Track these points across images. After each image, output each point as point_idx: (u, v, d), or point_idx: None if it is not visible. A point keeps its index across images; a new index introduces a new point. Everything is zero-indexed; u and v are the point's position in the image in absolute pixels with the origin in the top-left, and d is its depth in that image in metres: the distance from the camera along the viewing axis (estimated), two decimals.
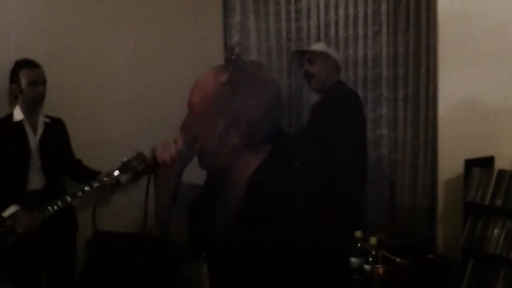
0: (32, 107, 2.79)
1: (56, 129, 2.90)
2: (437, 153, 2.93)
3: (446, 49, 2.83)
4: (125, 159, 2.89)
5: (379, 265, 2.19)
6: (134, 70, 3.47)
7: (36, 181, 2.75)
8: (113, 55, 3.39)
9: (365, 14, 3.37)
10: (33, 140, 2.77)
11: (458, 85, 2.79)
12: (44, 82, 2.79)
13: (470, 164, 2.58)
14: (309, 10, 3.65)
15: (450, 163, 2.79)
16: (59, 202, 2.67)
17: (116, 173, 2.85)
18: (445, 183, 2.84)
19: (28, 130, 2.76)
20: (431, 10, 2.98)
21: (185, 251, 3.03)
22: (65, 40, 3.17)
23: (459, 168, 2.64)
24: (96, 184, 2.78)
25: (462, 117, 2.79)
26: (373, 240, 2.27)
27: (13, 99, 2.81)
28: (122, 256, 2.95)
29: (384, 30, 3.28)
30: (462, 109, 2.79)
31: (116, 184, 2.87)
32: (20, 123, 2.75)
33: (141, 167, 2.79)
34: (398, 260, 2.33)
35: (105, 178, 2.81)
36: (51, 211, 2.64)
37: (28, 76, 2.72)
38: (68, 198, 2.70)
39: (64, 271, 2.88)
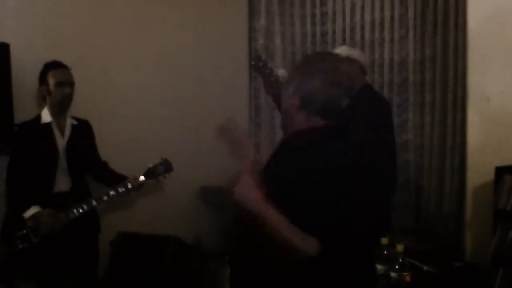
0: (60, 108, 2.79)
1: (83, 131, 2.90)
2: (465, 159, 2.88)
3: (475, 53, 2.78)
4: (150, 165, 2.95)
5: (405, 273, 2.15)
6: (159, 73, 3.50)
7: (62, 183, 2.75)
8: (139, 57, 3.42)
9: (392, 18, 3.33)
10: (61, 143, 2.77)
11: (488, 89, 2.74)
12: (71, 84, 2.79)
13: (500, 171, 2.53)
14: (334, 13, 3.63)
15: (479, 169, 2.75)
16: (84, 205, 2.69)
17: (141, 178, 2.91)
18: (474, 189, 2.79)
19: (56, 132, 2.76)
20: (459, 13, 2.93)
21: (212, 253, 3.04)
22: (90, 41, 3.20)
23: (489, 175, 2.59)
24: (121, 189, 2.82)
25: (492, 122, 2.74)
26: (400, 247, 2.23)
27: (42, 100, 2.83)
28: (145, 257, 2.97)
29: (411, 34, 3.24)
30: (492, 114, 2.74)
31: (139, 188, 2.92)
32: (48, 125, 2.75)
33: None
34: (425, 268, 2.29)
35: (129, 184, 2.85)
36: (76, 213, 2.67)
37: (55, 77, 2.72)
38: (94, 202, 2.73)
39: (86, 271, 2.88)
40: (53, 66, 2.74)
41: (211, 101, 3.63)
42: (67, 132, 2.80)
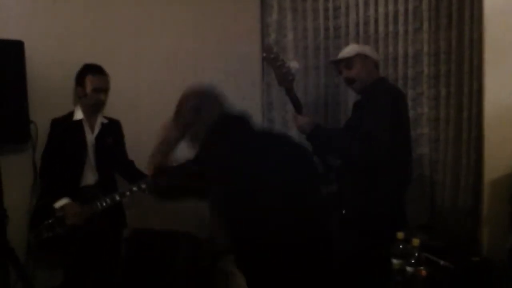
0: (93, 111, 2.93)
1: (112, 130, 3.03)
2: (481, 153, 2.85)
3: (492, 45, 2.73)
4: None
5: (421, 267, 2.13)
6: (170, 70, 3.49)
7: (89, 177, 2.90)
8: (151, 55, 3.42)
9: (406, 10, 3.29)
10: (90, 138, 2.91)
11: (505, 82, 2.69)
12: (106, 90, 2.92)
13: None
14: (347, 7, 3.59)
15: (496, 163, 2.71)
16: (107, 199, 2.82)
17: None
18: (490, 183, 2.74)
19: (86, 128, 2.91)
20: (475, 6, 2.89)
21: (223, 249, 3.05)
22: (104, 39, 3.22)
23: (506, 169, 2.55)
24: (143, 186, 2.89)
25: (509, 116, 2.69)
26: (415, 242, 2.20)
27: (77, 98, 2.96)
28: (159, 253, 2.98)
29: (425, 26, 3.20)
30: (509, 107, 2.69)
31: None
32: (79, 122, 2.89)
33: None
34: (442, 262, 2.26)
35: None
36: (99, 207, 2.80)
37: (93, 83, 2.85)
38: (117, 196, 2.85)
39: (107, 265, 2.98)
40: (92, 70, 2.87)
41: (222, 97, 3.62)
42: (97, 129, 2.94)
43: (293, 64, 2.67)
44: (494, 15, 2.73)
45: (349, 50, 2.79)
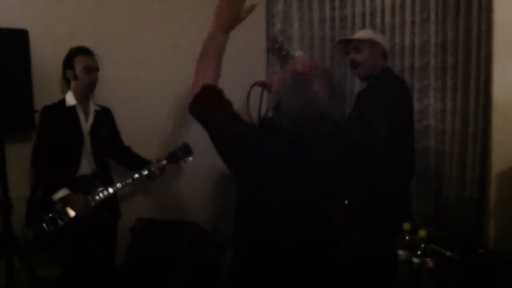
0: (85, 93, 2.87)
1: (105, 117, 2.98)
2: (488, 145, 2.82)
3: (501, 36, 2.70)
4: (171, 149, 3.02)
5: (428, 258, 2.12)
6: (176, 60, 3.48)
7: (86, 166, 2.83)
8: (155, 45, 3.41)
9: (413, 0, 3.25)
10: (85, 126, 2.85)
11: None
12: (97, 70, 2.87)
13: None
14: None
15: (503, 155, 2.68)
16: (109, 188, 2.78)
17: (164, 162, 2.98)
18: (497, 175, 2.72)
19: (81, 115, 2.84)
20: None
21: (228, 240, 3.04)
22: (108, 29, 3.21)
23: None
24: (145, 172, 2.89)
25: None
26: (422, 233, 2.20)
27: (65, 85, 2.90)
28: (164, 243, 2.98)
29: (432, 17, 3.16)
30: None
31: (161, 171, 2.97)
32: (73, 108, 2.82)
33: None
34: (448, 253, 2.26)
35: (152, 168, 2.92)
36: (101, 196, 2.75)
37: (83, 63, 2.80)
38: (118, 185, 2.81)
39: (105, 257, 2.98)
40: (80, 51, 2.81)
41: (227, 87, 3.61)
42: (91, 116, 2.89)
43: (298, 54, 2.65)
44: (504, 6, 2.69)
45: (362, 33, 2.79)
